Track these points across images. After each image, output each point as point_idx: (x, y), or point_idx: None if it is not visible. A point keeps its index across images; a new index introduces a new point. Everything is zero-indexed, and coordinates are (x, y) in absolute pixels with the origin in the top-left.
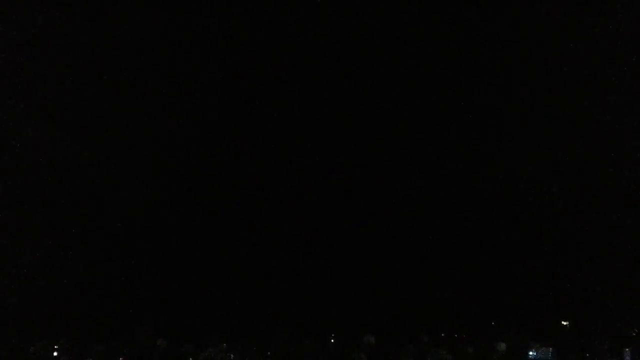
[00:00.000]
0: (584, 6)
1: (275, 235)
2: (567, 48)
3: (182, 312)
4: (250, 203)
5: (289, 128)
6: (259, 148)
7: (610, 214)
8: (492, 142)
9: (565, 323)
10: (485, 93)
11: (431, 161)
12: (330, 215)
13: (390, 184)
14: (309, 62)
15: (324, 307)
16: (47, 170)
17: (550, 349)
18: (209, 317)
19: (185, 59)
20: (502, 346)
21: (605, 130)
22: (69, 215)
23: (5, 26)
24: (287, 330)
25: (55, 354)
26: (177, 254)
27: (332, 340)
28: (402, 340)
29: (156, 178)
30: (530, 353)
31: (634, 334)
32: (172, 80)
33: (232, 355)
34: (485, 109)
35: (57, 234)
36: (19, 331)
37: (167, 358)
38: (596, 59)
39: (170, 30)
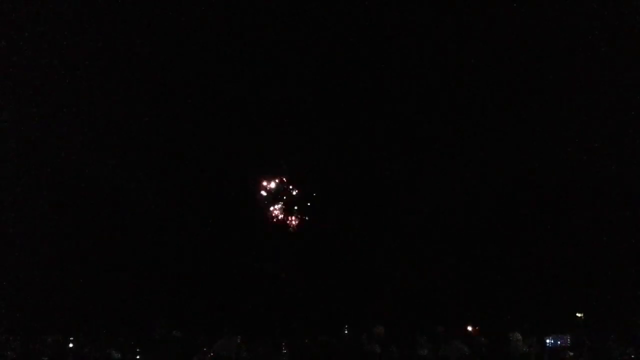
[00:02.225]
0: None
1: (288, 231)
2: (566, 48)
3: (197, 304)
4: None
5: (291, 128)
6: (264, 147)
7: (624, 208)
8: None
9: (579, 315)
10: (484, 92)
11: (433, 157)
12: (340, 209)
13: (397, 179)
14: (308, 61)
15: (337, 300)
16: (61, 170)
17: (568, 336)
18: (223, 310)
19: (194, 61)
20: (517, 336)
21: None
22: (84, 210)
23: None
24: (301, 322)
25: (70, 345)
26: (193, 247)
27: (346, 332)
28: (416, 331)
29: (167, 174)
30: (548, 340)
31: None
32: (174, 79)
33: (246, 347)
34: (484, 109)
35: (71, 228)
36: (34, 323)
37: (181, 349)
38: (596, 59)
39: (175, 29)
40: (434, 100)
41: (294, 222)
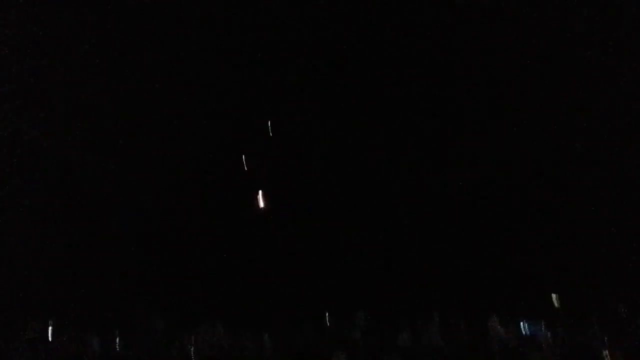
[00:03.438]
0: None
1: (271, 221)
2: (565, 48)
3: (178, 292)
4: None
5: (291, 126)
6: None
7: (600, 196)
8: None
9: (554, 295)
10: (482, 92)
11: (419, 147)
12: (324, 200)
13: (382, 171)
14: (307, 61)
15: (318, 288)
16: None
17: (542, 321)
18: (204, 299)
19: (195, 60)
20: (494, 320)
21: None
22: (64, 201)
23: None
24: (284, 310)
25: (50, 333)
26: (173, 235)
27: (327, 320)
28: (395, 318)
29: (150, 166)
30: (522, 324)
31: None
32: (176, 79)
33: (227, 336)
34: (483, 109)
35: (52, 219)
36: (13, 311)
37: (161, 337)
38: (596, 59)
39: (178, 29)
40: (429, 97)
41: (275, 210)
